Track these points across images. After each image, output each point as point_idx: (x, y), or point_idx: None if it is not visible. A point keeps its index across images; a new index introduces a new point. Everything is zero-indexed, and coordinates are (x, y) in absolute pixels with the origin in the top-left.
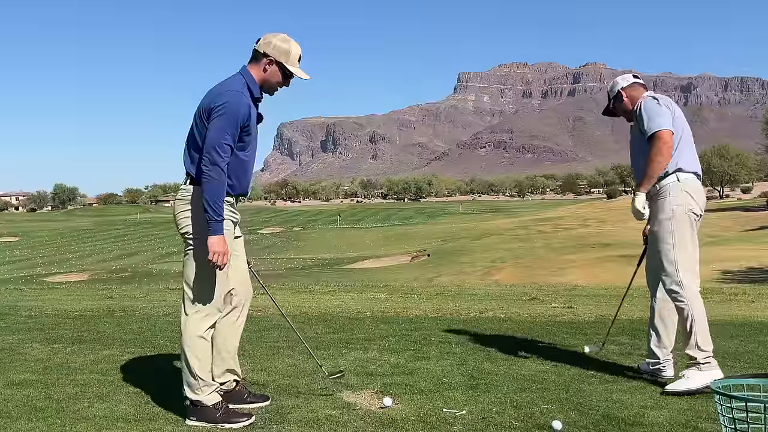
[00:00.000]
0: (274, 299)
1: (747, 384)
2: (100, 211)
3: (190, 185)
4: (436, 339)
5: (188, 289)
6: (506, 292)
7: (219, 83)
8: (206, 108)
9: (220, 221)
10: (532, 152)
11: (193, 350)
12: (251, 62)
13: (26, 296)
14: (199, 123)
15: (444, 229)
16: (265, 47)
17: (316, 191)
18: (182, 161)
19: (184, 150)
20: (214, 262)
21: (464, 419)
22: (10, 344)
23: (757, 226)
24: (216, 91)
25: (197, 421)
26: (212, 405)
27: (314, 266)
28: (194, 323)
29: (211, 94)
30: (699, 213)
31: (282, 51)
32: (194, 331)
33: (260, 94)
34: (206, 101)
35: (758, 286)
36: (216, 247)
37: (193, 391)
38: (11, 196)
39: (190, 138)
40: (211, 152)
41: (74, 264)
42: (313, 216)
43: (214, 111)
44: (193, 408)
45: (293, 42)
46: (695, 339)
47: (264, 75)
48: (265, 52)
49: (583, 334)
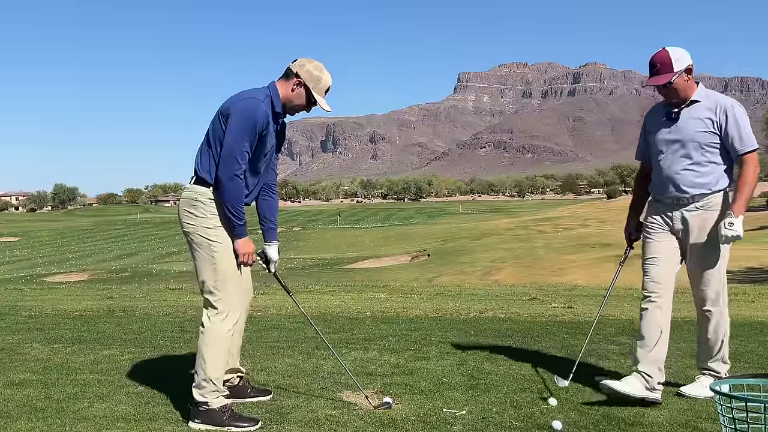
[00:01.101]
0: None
1: (747, 384)
2: (100, 211)
3: (196, 185)
4: (436, 339)
5: (208, 291)
6: (506, 292)
7: (242, 91)
8: (225, 111)
9: (243, 224)
10: (532, 152)
11: (212, 352)
12: (281, 79)
13: (26, 296)
14: (217, 125)
15: (444, 229)
16: (299, 68)
17: (316, 191)
18: (194, 161)
19: (198, 150)
20: (244, 262)
21: (464, 419)
22: (10, 344)
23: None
24: (237, 97)
25: (201, 424)
26: (219, 408)
27: (314, 266)
28: (218, 324)
29: (231, 98)
30: None
31: (314, 77)
32: (218, 332)
33: (281, 111)
34: (226, 104)
35: (758, 286)
36: (244, 249)
37: (203, 394)
38: (11, 196)
39: (206, 139)
40: (230, 159)
41: (74, 264)
42: (313, 216)
43: (232, 114)
44: (197, 410)
45: (326, 73)
46: (724, 352)
47: (290, 94)
48: (298, 72)
49: (583, 334)
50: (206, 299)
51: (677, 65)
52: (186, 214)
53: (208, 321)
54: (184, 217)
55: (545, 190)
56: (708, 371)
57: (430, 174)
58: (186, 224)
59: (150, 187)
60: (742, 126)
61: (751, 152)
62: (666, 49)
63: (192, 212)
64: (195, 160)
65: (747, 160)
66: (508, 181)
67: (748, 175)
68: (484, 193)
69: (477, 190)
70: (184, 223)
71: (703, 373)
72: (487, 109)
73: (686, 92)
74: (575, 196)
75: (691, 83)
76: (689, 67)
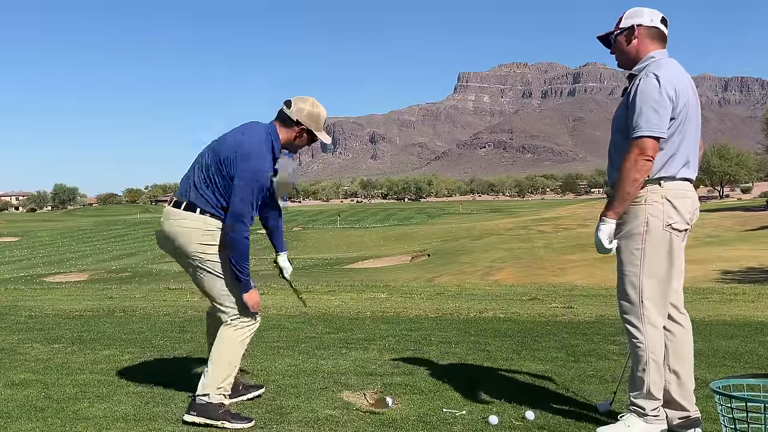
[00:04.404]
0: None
1: (747, 384)
2: (100, 211)
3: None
4: (436, 339)
5: (223, 304)
6: (506, 292)
7: (243, 131)
8: (229, 159)
9: (248, 279)
10: (532, 152)
11: (230, 356)
12: (281, 124)
13: (26, 296)
14: (214, 168)
15: (444, 229)
16: (298, 115)
17: (316, 191)
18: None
19: (189, 182)
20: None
21: (464, 419)
22: (10, 344)
23: (757, 226)
24: (240, 147)
25: (197, 417)
26: (217, 403)
27: (314, 266)
28: (239, 330)
29: (235, 143)
30: (683, 228)
31: (314, 118)
32: (238, 337)
33: (279, 153)
34: (230, 151)
35: (758, 286)
36: (252, 300)
37: (207, 387)
38: (11, 196)
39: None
40: (237, 223)
41: (74, 264)
42: (313, 216)
43: (240, 172)
44: (195, 403)
45: (321, 106)
46: (647, 386)
47: (293, 140)
48: (299, 120)
49: (583, 334)
50: (224, 310)
51: (624, 22)
52: (199, 243)
53: (230, 327)
54: (196, 246)
55: (545, 190)
56: (633, 407)
57: (430, 174)
58: (197, 253)
59: (150, 187)
60: (638, 103)
61: (639, 138)
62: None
63: (207, 243)
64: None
65: (630, 146)
66: (508, 181)
67: (623, 166)
68: (484, 193)
69: (477, 190)
70: (195, 251)
71: (629, 410)
72: (487, 109)
73: (627, 57)
74: (575, 196)
75: (637, 48)
76: (638, 25)
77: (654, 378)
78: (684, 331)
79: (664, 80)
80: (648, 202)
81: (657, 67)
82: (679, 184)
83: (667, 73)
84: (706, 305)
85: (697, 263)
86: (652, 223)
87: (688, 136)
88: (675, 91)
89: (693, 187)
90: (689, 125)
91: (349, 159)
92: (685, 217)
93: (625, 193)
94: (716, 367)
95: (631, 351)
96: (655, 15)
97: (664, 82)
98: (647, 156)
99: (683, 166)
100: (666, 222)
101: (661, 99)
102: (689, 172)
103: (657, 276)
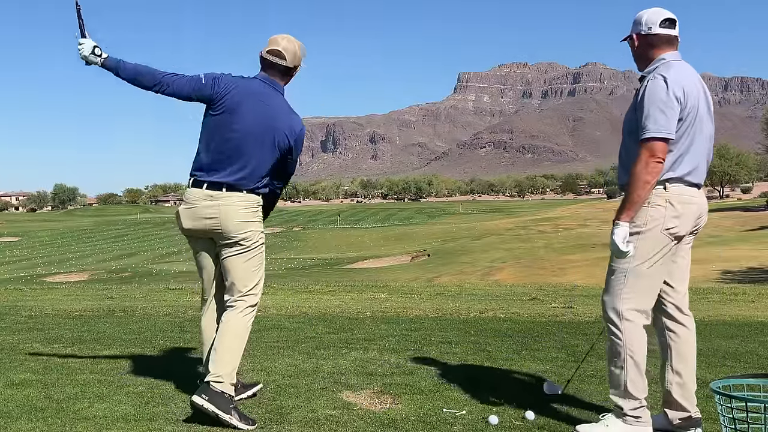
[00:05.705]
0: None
1: (747, 384)
2: (100, 211)
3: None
4: (436, 339)
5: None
6: (506, 292)
7: (286, 106)
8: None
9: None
10: (532, 152)
11: (242, 342)
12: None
13: (26, 296)
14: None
15: (444, 229)
16: (296, 61)
17: (316, 191)
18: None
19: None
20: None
21: (464, 419)
22: (10, 344)
23: (757, 226)
24: (293, 122)
25: (208, 402)
26: (228, 395)
27: (314, 266)
28: (248, 317)
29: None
30: (682, 234)
31: (303, 53)
32: (248, 323)
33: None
34: (287, 129)
35: (758, 286)
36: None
37: (220, 379)
38: (11, 196)
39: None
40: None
41: (74, 264)
42: (313, 216)
43: (297, 144)
44: (208, 388)
45: (294, 39)
46: (624, 384)
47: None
48: (296, 65)
49: (583, 334)
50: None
51: (633, 28)
52: (246, 219)
53: (243, 315)
54: (245, 223)
55: (545, 190)
56: (614, 407)
57: (430, 174)
58: (248, 231)
59: (150, 187)
60: (647, 104)
61: (648, 140)
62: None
63: (253, 219)
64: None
65: (640, 149)
66: (508, 181)
67: (634, 169)
68: (484, 193)
69: (477, 190)
70: (246, 228)
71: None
72: (487, 109)
73: (640, 62)
74: (575, 196)
75: (644, 54)
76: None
77: (632, 376)
78: (687, 332)
79: (672, 81)
80: (651, 204)
81: (666, 69)
82: (686, 189)
83: (676, 75)
84: (706, 305)
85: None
86: (650, 225)
87: (698, 140)
88: (683, 92)
89: (701, 193)
90: (698, 128)
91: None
92: (688, 224)
93: (637, 196)
94: (716, 367)
95: (609, 346)
96: (654, 21)
97: (672, 82)
98: (658, 158)
99: (691, 169)
100: (665, 226)
101: (668, 99)
102: (697, 177)
103: (643, 276)
